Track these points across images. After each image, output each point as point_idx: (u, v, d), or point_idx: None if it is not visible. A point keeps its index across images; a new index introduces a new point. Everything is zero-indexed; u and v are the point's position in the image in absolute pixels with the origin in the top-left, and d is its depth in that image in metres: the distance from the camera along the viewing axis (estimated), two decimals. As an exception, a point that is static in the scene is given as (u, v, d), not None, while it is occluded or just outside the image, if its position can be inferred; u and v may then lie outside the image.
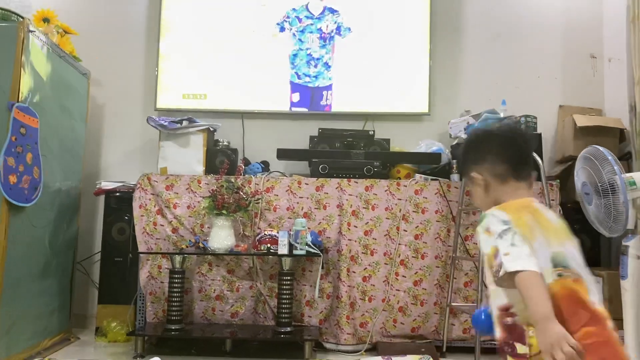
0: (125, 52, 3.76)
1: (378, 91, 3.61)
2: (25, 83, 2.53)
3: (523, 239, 1.14)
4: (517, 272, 1.11)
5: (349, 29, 3.63)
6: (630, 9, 2.99)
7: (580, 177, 2.65)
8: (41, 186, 2.65)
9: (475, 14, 3.76)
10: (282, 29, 3.63)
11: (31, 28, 2.59)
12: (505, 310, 1.20)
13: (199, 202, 3.02)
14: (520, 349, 1.14)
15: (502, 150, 1.33)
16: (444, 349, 2.88)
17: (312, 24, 3.63)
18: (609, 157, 2.42)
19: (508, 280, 1.13)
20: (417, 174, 3.19)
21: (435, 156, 3.24)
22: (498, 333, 1.22)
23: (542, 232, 1.20)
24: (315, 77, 3.61)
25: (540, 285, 1.10)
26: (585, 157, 2.57)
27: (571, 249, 1.23)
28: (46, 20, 3.03)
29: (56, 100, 2.86)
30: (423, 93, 3.59)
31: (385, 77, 3.61)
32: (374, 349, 2.91)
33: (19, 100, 2.48)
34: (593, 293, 1.16)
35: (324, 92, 3.61)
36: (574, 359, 1.03)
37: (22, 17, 2.59)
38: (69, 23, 3.20)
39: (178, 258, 2.84)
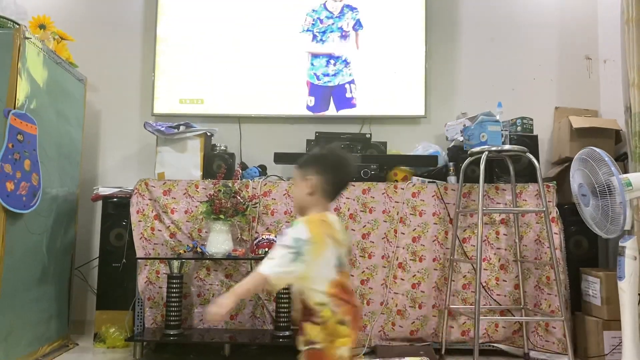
0: (121, 57, 3.76)
1: (374, 94, 3.62)
2: (22, 90, 2.53)
3: (293, 260, 1.48)
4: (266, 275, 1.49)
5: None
6: (624, 10, 3.00)
7: (576, 178, 2.66)
8: (40, 193, 2.65)
9: (471, 16, 3.78)
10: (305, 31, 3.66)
11: (27, 35, 2.59)
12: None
13: (196, 207, 3.02)
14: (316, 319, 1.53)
15: (339, 178, 1.65)
16: (443, 352, 2.88)
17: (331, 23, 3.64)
18: (606, 158, 2.43)
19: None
20: (414, 177, 3.20)
21: (432, 159, 3.25)
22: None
23: (333, 241, 1.56)
24: (335, 75, 3.62)
25: (260, 283, 1.52)
26: (581, 159, 2.57)
27: (343, 252, 1.61)
28: (42, 26, 3.03)
29: (53, 106, 2.86)
30: (419, 96, 3.60)
31: (381, 80, 3.62)
32: (372, 353, 2.91)
33: (16, 107, 2.48)
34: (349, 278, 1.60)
35: (347, 86, 3.61)
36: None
37: (18, 24, 2.59)
38: (65, 29, 3.20)
39: (176, 263, 2.84)
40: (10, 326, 2.48)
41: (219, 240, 2.83)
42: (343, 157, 1.67)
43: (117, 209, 3.19)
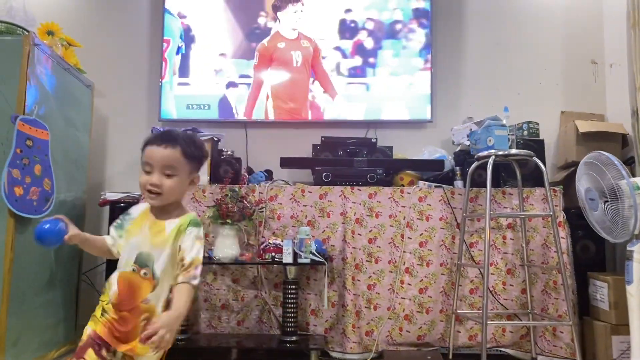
0: (128, 63, 3.79)
1: (380, 99, 3.62)
2: (31, 96, 2.55)
3: None
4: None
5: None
6: (630, 14, 3.00)
7: (583, 183, 2.65)
8: (54, 198, 2.66)
9: (477, 20, 3.79)
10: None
11: (36, 41, 2.61)
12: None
13: (203, 211, 3.03)
14: None
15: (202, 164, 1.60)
16: (450, 356, 2.87)
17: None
18: (615, 162, 2.43)
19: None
20: (420, 181, 3.20)
21: (438, 163, 3.25)
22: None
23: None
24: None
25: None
26: (589, 163, 2.57)
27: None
28: (50, 33, 3.06)
29: (61, 112, 2.88)
30: (425, 100, 3.60)
31: (387, 85, 3.62)
32: (380, 358, 2.90)
33: (25, 112, 2.50)
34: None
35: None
36: None
37: (27, 31, 2.62)
38: (73, 36, 3.23)
39: (183, 268, 2.84)
40: (19, 331, 2.49)
41: (226, 245, 2.84)
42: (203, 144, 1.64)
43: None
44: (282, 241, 2.88)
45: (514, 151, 2.78)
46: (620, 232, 2.45)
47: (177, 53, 3.67)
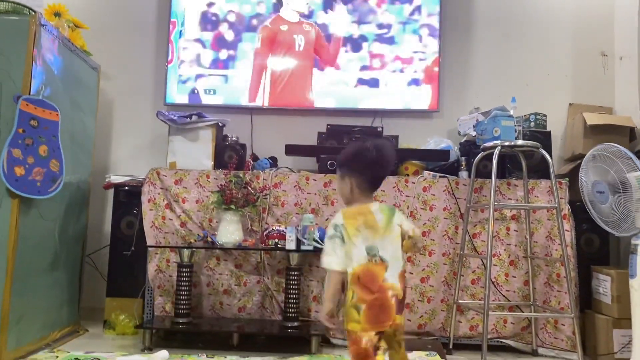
0: (135, 46, 3.78)
1: (387, 88, 3.60)
2: (37, 76, 2.54)
3: (341, 243, 1.67)
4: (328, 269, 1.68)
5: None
6: (642, 6, 2.97)
7: (590, 176, 2.64)
8: (62, 179, 2.66)
9: (486, 11, 3.75)
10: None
11: (43, 22, 2.60)
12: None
13: (207, 196, 3.03)
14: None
15: (373, 175, 1.77)
16: (451, 346, 2.88)
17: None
18: (629, 153, 2.41)
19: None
20: (425, 171, 3.19)
21: (443, 153, 3.24)
22: None
23: (366, 231, 1.68)
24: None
25: (334, 280, 1.67)
26: (598, 155, 2.55)
27: (385, 242, 1.68)
28: (57, 14, 3.04)
29: (67, 93, 2.88)
30: (432, 90, 3.58)
31: (394, 74, 3.60)
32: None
33: (30, 93, 2.49)
34: (390, 274, 1.66)
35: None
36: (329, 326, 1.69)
37: (34, 11, 2.60)
38: (80, 17, 3.21)
39: (186, 252, 2.86)
40: (23, 311, 2.51)
41: (229, 230, 2.84)
42: (377, 154, 1.73)
43: (128, 198, 3.21)
44: (285, 228, 2.88)
45: (520, 142, 2.77)
46: (629, 226, 2.43)
47: (180, 37, 3.66)
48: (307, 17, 3.65)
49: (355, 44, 3.63)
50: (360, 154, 1.76)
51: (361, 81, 3.62)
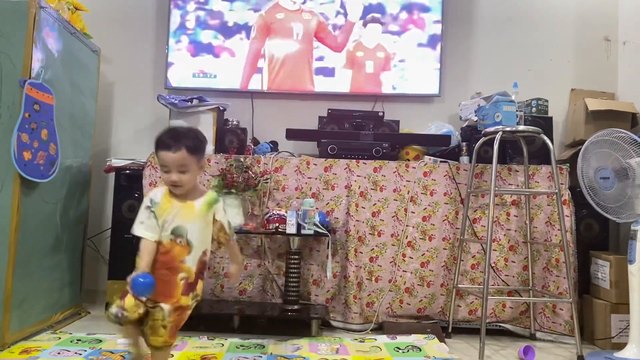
0: (135, 29, 3.75)
1: (388, 72, 3.59)
2: (37, 60, 2.53)
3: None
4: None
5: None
6: (646, -9, 2.94)
7: (591, 163, 2.63)
8: (58, 162, 2.67)
9: (489, -6, 3.72)
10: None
11: (42, 4, 2.58)
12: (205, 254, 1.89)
13: (208, 180, 3.04)
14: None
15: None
16: (450, 330, 2.91)
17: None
18: (636, 139, 2.41)
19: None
20: (426, 156, 3.19)
21: (444, 138, 3.23)
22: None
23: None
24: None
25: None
26: (604, 141, 2.54)
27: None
28: (57, -4, 3.02)
29: (67, 77, 2.87)
30: (434, 74, 3.57)
31: (395, 58, 3.58)
32: (380, 329, 2.94)
33: (31, 76, 2.49)
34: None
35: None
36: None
37: (34, -7, 2.59)
38: (80, 0, 3.19)
39: (187, 236, 2.86)
40: (25, 293, 2.53)
41: (230, 214, 2.84)
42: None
43: (129, 181, 3.22)
44: (286, 212, 2.89)
45: (521, 127, 2.76)
46: (630, 212, 2.44)
47: (180, 20, 3.63)
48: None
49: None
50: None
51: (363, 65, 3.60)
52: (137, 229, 1.82)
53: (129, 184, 3.22)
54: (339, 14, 3.61)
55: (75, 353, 2.34)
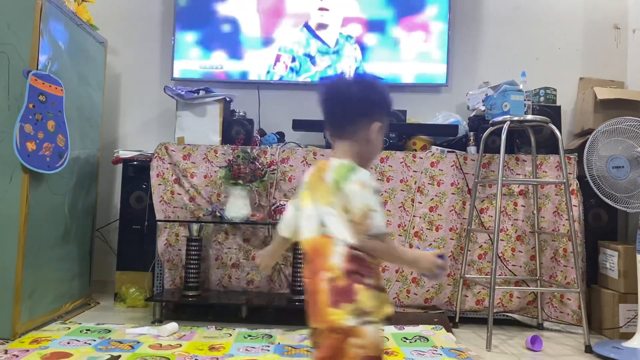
0: (141, 20, 3.75)
1: (395, 62, 3.57)
2: (44, 51, 2.54)
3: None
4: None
5: None
6: (657, -23, 2.90)
7: (601, 152, 2.61)
8: (68, 154, 2.68)
9: (496, -18, 3.69)
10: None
11: (49, -4, 2.58)
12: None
13: (215, 171, 3.05)
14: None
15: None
16: (457, 320, 2.91)
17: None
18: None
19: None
20: (433, 146, 3.18)
21: (452, 128, 3.22)
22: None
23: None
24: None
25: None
26: (615, 130, 2.52)
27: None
28: (63, -12, 3.02)
29: (74, 68, 2.88)
30: (441, 64, 3.54)
31: (402, 48, 3.56)
32: (386, 319, 2.93)
33: (38, 68, 2.49)
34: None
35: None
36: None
37: (40, -15, 2.59)
38: (86, -9, 3.19)
39: (195, 226, 2.88)
40: (35, 284, 2.55)
41: (238, 205, 2.86)
42: (385, 88, 1.37)
43: (137, 172, 3.24)
44: (293, 203, 2.89)
45: (529, 117, 2.74)
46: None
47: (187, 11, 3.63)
48: None
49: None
50: (385, 90, 1.37)
51: (369, 55, 3.58)
52: (382, 222, 1.23)
53: (137, 176, 3.23)
54: (345, 4, 3.59)
55: (85, 343, 2.36)
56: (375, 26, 3.56)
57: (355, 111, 1.31)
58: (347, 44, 3.57)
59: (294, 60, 3.58)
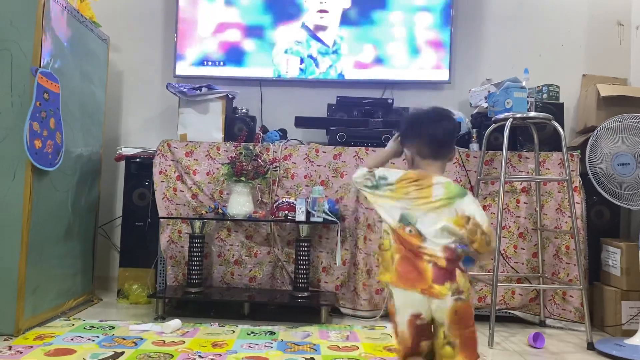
0: (144, 18, 3.75)
1: (397, 59, 3.56)
2: (47, 48, 2.54)
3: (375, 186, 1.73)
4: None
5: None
6: (661, -26, 2.89)
7: (605, 148, 2.60)
8: (63, 151, 2.69)
9: (499, -21, 3.67)
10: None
11: (51, -7, 2.58)
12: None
13: (218, 168, 3.05)
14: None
15: (427, 135, 1.66)
16: (459, 317, 2.90)
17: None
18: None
19: None
20: (435, 143, 3.16)
21: (454, 125, 3.21)
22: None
23: (412, 200, 1.60)
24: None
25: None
26: (620, 127, 2.51)
27: (428, 218, 1.57)
28: (66, -16, 3.02)
29: (77, 65, 2.88)
30: (444, 61, 3.54)
31: (405, 45, 3.56)
32: (388, 316, 2.94)
33: (41, 65, 2.49)
34: (428, 244, 1.53)
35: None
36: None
37: (42, -18, 2.59)
38: (88, -12, 3.19)
39: (198, 223, 2.89)
40: (38, 280, 2.56)
41: (240, 202, 2.87)
42: (431, 118, 1.68)
43: (140, 169, 3.24)
44: (295, 200, 2.90)
45: (532, 114, 2.74)
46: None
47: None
48: None
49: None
50: (417, 118, 1.72)
51: (371, 52, 3.57)
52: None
53: (139, 172, 3.24)
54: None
55: (88, 339, 2.37)
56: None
57: (453, 140, 1.72)
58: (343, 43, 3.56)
59: (302, 62, 3.57)
